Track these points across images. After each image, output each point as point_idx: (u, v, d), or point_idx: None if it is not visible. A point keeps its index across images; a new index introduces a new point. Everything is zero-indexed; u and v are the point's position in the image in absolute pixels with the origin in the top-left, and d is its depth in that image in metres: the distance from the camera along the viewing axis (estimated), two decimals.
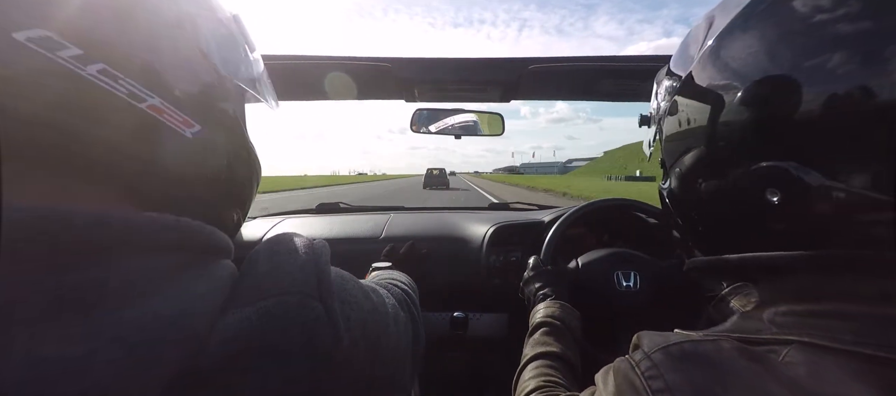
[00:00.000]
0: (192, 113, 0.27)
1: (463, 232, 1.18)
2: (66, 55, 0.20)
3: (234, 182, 0.33)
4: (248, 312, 0.25)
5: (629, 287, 0.80)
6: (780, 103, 0.27)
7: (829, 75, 0.25)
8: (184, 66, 0.27)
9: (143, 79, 0.24)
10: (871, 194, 0.24)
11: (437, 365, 1.07)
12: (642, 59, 0.88)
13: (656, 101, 0.43)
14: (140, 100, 0.23)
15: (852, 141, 0.24)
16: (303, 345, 0.26)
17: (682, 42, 0.40)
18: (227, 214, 0.33)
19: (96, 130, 0.22)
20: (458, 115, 1.12)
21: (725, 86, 0.31)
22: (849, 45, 0.24)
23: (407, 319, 0.42)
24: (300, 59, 0.84)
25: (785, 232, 0.29)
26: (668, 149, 0.40)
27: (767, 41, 0.29)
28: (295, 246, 0.30)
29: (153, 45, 0.25)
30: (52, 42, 0.20)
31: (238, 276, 0.28)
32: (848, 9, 0.25)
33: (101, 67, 0.22)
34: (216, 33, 0.31)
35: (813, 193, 0.26)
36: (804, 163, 0.26)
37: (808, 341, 0.26)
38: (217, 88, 0.30)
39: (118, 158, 0.23)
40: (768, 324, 0.29)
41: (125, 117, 0.23)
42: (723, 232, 0.36)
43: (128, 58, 0.23)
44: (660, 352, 0.28)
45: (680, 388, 0.26)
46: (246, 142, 0.34)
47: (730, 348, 0.27)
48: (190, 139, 0.27)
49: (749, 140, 0.30)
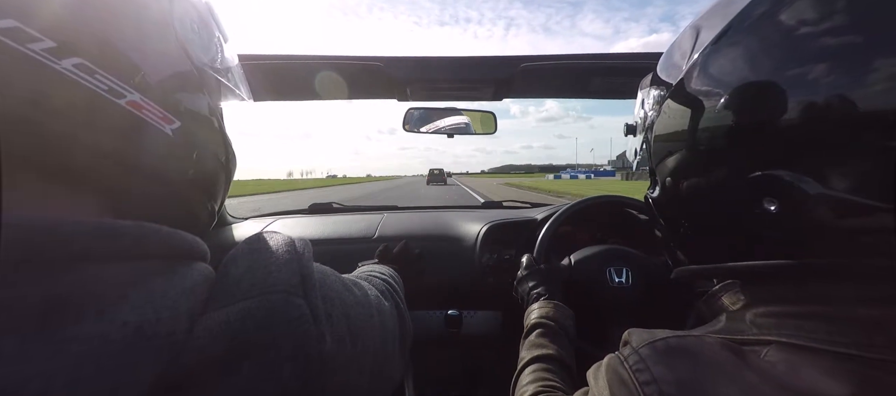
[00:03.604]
0: (172, 108, 0.26)
1: (456, 231, 1.18)
2: (38, 48, 0.19)
3: (210, 175, 0.32)
4: (228, 312, 0.24)
5: (621, 283, 0.81)
6: (772, 112, 0.28)
7: (816, 84, 0.25)
8: (163, 60, 0.26)
9: (122, 74, 0.22)
10: (863, 201, 0.24)
11: (432, 364, 1.07)
12: (633, 56, 0.89)
13: (642, 110, 0.43)
14: (119, 96, 0.22)
15: (843, 149, 0.25)
16: (288, 344, 0.25)
17: (668, 51, 0.40)
18: (202, 207, 0.33)
19: (73, 128, 0.21)
20: (450, 115, 1.12)
21: (716, 95, 0.31)
22: (836, 56, 0.25)
23: (391, 307, 0.42)
24: (291, 58, 0.83)
25: (778, 240, 0.29)
26: (656, 157, 0.40)
27: (757, 52, 0.29)
28: (275, 243, 0.29)
29: (132, 38, 0.24)
30: (23, 34, 0.19)
31: (215, 277, 0.27)
32: (831, 22, 0.25)
33: (77, 61, 0.20)
34: (193, 24, 0.30)
35: (810, 201, 0.26)
36: (800, 171, 0.26)
37: (786, 341, 0.27)
38: (196, 82, 0.29)
39: (96, 157, 0.22)
40: (749, 325, 0.31)
41: (104, 114, 0.22)
42: (712, 239, 0.36)
43: (106, 52, 0.22)
44: (646, 347, 0.30)
45: (665, 380, 0.27)
46: (223, 135, 0.33)
47: (712, 343, 0.29)
48: (170, 135, 0.26)
49: (743, 149, 0.30)
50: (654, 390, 0.27)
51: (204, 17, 0.32)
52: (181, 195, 0.29)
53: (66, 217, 0.21)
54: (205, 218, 0.33)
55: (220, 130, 0.33)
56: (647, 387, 0.28)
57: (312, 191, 22.22)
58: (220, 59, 0.34)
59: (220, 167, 0.33)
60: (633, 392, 0.28)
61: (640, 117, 0.44)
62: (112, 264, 0.21)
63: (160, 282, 0.23)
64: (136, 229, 0.23)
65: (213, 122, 0.32)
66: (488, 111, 1.13)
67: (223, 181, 0.35)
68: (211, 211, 0.34)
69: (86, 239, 0.20)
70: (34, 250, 0.19)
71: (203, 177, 0.31)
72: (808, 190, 0.26)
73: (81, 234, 0.20)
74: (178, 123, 0.26)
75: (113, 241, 0.22)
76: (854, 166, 0.24)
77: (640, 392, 0.28)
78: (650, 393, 0.27)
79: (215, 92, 0.32)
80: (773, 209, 0.28)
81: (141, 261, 0.23)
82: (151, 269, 0.23)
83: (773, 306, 0.31)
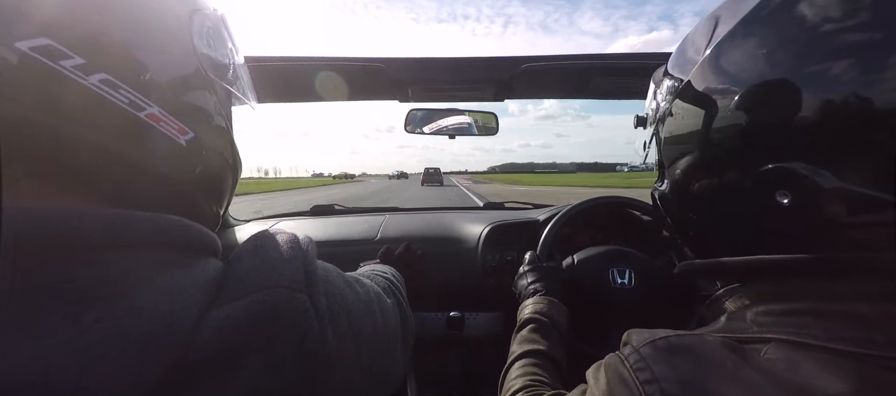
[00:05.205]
0: (187, 120, 0.27)
1: (458, 232, 1.18)
2: (68, 64, 0.20)
3: (218, 180, 0.34)
4: (235, 306, 0.25)
5: (624, 284, 0.80)
6: (785, 106, 0.27)
7: (836, 80, 0.25)
8: (181, 74, 0.28)
9: (142, 88, 0.24)
10: (878, 195, 0.24)
11: (434, 365, 1.07)
12: (635, 56, 0.88)
13: (654, 102, 0.43)
14: (139, 109, 0.24)
15: (858, 143, 0.25)
16: (291, 339, 0.26)
17: (684, 41, 0.39)
18: (209, 210, 0.34)
19: (92, 137, 0.22)
20: (451, 116, 1.12)
21: (730, 89, 0.31)
22: (856, 52, 0.25)
23: (393, 304, 0.43)
24: (292, 60, 0.84)
25: (789, 234, 0.29)
26: (667, 150, 0.40)
27: (774, 44, 0.29)
28: (280, 241, 0.30)
29: (153, 54, 0.25)
30: (56, 51, 0.20)
31: (224, 272, 0.28)
32: (856, 19, 0.25)
33: (103, 77, 0.22)
34: (209, 38, 0.31)
35: (824, 195, 0.26)
36: (814, 164, 0.26)
37: (786, 338, 0.27)
38: (210, 94, 0.30)
39: (114, 165, 0.24)
40: (750, 324, 0.31)
41: (124, 126, 0.23)
42: (720, 233, 0.36)
43: (128, 67, 0.24)
44: (647, 346, 0.30)
45: (666, 378, 0.27)
46: (232, 142, 0.35)
47: (712, 341, 0.29)
48: (184, 146, 0.27)
49: (757, 142, 0.30)
50: (655, 389, 0.27)
51: (218, 30, 0.33)
52: (190, 198, 0.30)
53: (87, 208, 0.22)
54: (211, 219, 0.34)
55: (229, 137, 0.34)
56: (649, 386, 0.28)
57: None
58: (232, 69, 0.35)
59: (228, 170, 0.35)
60: (634, 392, 0.28)
61: (652, 109, 0.43)
62: (134, 252, 0.23)
63: (179, 274, 0.24)
64: (157, 219, 0.24)
65: (224, 130, 0.33)
66: (490, 112, 1.13)
67: (230, 184, 0.36)
68: (216, 214, 0.35)
69: (108, 227, 0.22)
70: (59, 239, 0.20)
71: (212, 182, 0.32)
72: (823, 183, 0.26)
73: (104, 222, 0.21)
74: (192, 134, 0.28)
75: (149, 232, 0.23)
76: (869, 161, 0.24)
77: (641, 390, 0.28)
78: (652, 392, 0.27)
79: (226, 101, 0.34)
80: (786, 202, 0.27)
81: (162, 250, 0.24)
82: (171, 259, 0.24)
83: (774, 304, 0.30)
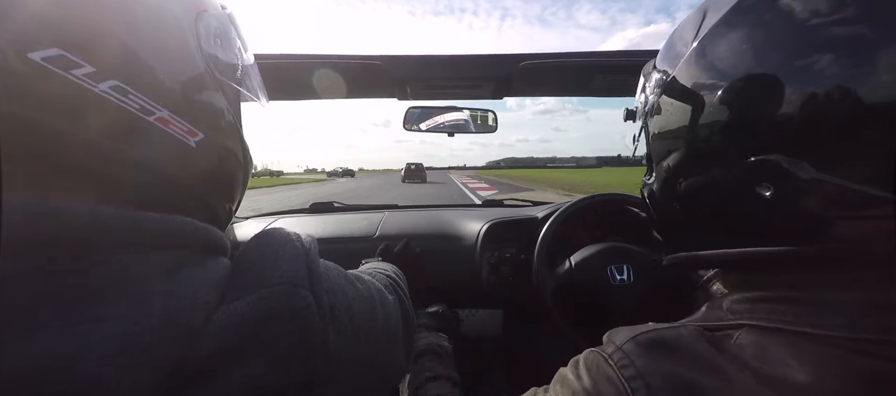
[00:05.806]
0: (196, 122, 0.27)
1: (457, 229, 1.18)
2: (79, 73, 0.21)
3: (230, 179, 0.34)
4: (240, 304, 0.25)
5: (623, 280, 0.81)
6: (768, 98, 0.27)
7: (819, 73, 0.25)
8: (190, 76, 0.28)
9: (152, 92, 0.24)
10: (862, 189, 0.24)
11: None
12: (634, 53, 0.88)
13: (643, 95, 0.43)
14: (149, 114, 0.24)
15: (842, 137, 0.25)
16: (294, 335, 0.26)
17: (672, 34, 0.39)
18: (221, 208, 0.34)
19: (107, 143, 0.23)
20: (450, 113, 1.12)
21: (717, 82, 0.31)
22: (841, 45, 0.25)
23: (395, 301, 0.43)
24: (290, 57, 0.83)
25: (772, 226, 0.29)
26: (655, 143, 0.40)
27: (760, 37, 0.29)
28: (283, 238, 0.30)
29: (162, 58, 0.26)
30: (67, 61, 0.20)
31: (231, 270, 0.28)
32: (842, 13, 0.25)
33: (113, 84, 0.22)
34: (217, 38, 0.31)
35: (805, 187, 0.26)
36: (797, 157, 0.26)
37: (756, 324, 0.29)
38: (219, 95, 0.31)
39: (126, 169, 0.24)
40: (726, 312, 0.32)
41: (135, 130, 0.24)
42: (705, 226, 0.36)
43: (138, 73, 0.24)
44: (630, 343, 0.30)
45: (649, 373, 0.28)
46: (241, 142, 0.35)
47: (688, 334, 0.30)
48: (194, 148, 0.27)
49: (741, 135, 0.30)
50: (640, 384, 0.28)
51: (226, 29, 0.33)
52: (202, 199, 0.30)
53: (102, 208, 0.22)
54: (223, 217, 0.35)
55: (238, 136, 0.34)
56: (634, 382, 0.28)
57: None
58: (241, 68, 0.35)
59: (239, 169, 0.35)
60: (620, 390, 0.29)
61: (641, 102, 0.43)
62: (146, 252, 0.23)
63: (191, 274, 0.24)
64: (168, 220, 0.24)
65: (233, 129, 0.33)
66: (488, 109, 1.13)
67: (241, 182, 0.36)
68: (230, 212, 0.36)
69: (122, 227, 0.22)
70: (75, 237, 0.20)
71: (223, 181, 0.33)
72: (804, 175, 0.26)
73: (118, 223, 0.22)
74: (202, 136, 0.28)
75: (147, 231, 0.23)
76: (854, 155, 0.25)
77: (627, 387, 0.28)
78: (637, 388, 0.28)
79: (235, 101, 0.34)
80: (768, 194, 0.28)
81: (175, 251, 0.24)
82: (183, 260, 0.25)
83: (748, 292, 0.31)
